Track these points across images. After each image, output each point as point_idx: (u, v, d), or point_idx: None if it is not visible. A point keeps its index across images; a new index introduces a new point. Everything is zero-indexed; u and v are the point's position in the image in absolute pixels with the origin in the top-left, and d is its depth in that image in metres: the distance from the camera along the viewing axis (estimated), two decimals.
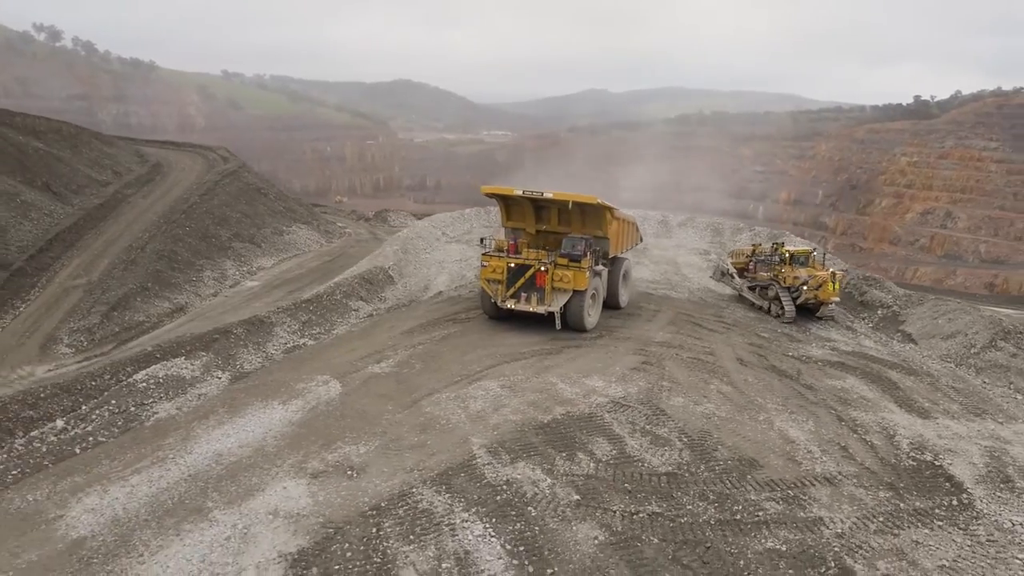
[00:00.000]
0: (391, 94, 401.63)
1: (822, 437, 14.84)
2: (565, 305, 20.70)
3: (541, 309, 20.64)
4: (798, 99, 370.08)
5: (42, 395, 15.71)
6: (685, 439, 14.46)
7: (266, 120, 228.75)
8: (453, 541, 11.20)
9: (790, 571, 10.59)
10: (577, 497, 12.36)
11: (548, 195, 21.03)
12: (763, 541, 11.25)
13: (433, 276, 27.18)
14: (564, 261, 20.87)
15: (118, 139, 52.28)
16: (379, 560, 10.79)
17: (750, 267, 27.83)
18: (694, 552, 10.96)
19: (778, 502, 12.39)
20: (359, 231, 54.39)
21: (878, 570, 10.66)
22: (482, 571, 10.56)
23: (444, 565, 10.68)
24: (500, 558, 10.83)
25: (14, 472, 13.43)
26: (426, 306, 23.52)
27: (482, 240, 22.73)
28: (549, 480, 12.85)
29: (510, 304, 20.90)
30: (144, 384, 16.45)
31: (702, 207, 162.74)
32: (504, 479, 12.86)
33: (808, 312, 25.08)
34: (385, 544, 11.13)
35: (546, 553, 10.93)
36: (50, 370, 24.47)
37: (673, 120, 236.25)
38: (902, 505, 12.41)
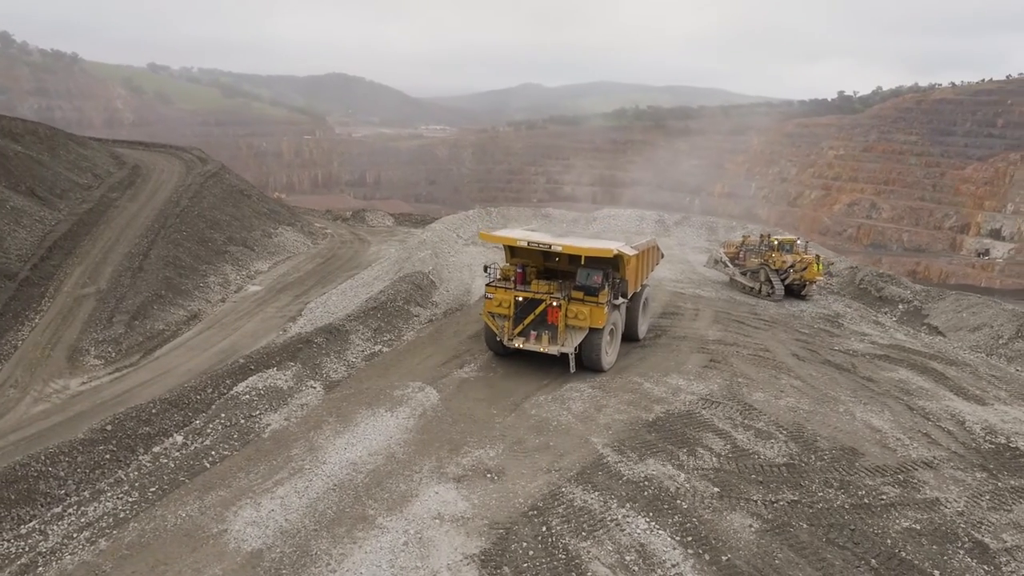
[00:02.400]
0: (326, 88, 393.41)
1: (903, 425, 16.23)
2: (580, 344, 18.23)
3: (553, 350, 17.97)
4: (727, 94, 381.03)
5: (154, 411, 15.65)
6: (784, 432, 15.59)
7: (198, 115, 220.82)
8: (624, 535, 11.97)
9: (933, 547, 11.79)
10: (716, 489, 13.29)
11: (557, 247, 18.41)
12: (899, 521, 12.43)
13: (468, 280, 27.68)
14: (579, 295, 18.27)
15: (90, 140, 50.30)
16: (564, 556, 11.46)
17: (740, 255, 31.50)
18: (842, 534, 12.04)
19: (893, 486, 13.62)
20: (340, 232, 53.88)
21: (1006, 542, 11.98)
22: (664, 561, 11.37)
23: (627, 558, 11.44)
24: (674, 548, 11.66)
25: (152, 489, 13.49)
26: (477, 310, 24.08)
27: (486, 268, 20.31)
28: (683, 475, 13.75)
29: (518, 343, 18.23)
30: (247, 396, 16.54)
31: (639, 201, 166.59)
32: (642, 475, 13.69)
33: (793, 292, 28.70)
34: (562, 541, 11.81)
35: (713, 541, 11.81)
36: (84, 383, 23.91)
37: (609, 115, 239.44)
38: (1000, 484, 13.84)
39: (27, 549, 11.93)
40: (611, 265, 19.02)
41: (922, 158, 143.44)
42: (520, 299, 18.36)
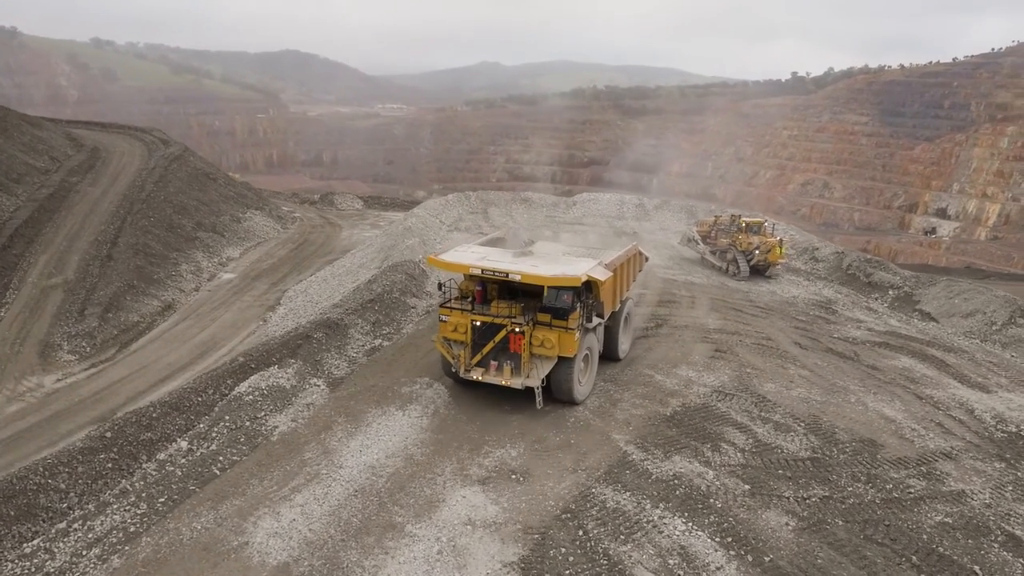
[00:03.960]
0: (279, 65, 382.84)
1: (915, 415, 16.35)
2: (548, 375, 15.62)
3: (516, 383, 15.32)
4: (682, 74, 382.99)
5: (154, 415, 14.82)
6: (802, 424, 15.54)
7: (146, 92, 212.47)
8: (663, 538, 11.73)
9: (969, 541, 11.84)
10: (747, 487, 13.15)
11: (516, 277, 15.25)
12: (931, 516, 12.46)
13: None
14: (546, 318, 15.46)
15: (45, 120, 47.79)
16: (605, 562, 11.17)
17: (711, 235, 32.67)
18: (878, 531, 12.01)
19: (918, 478, 13.68)
20: (309, 215, 52.49)
21: None
22: (707, 564, 11.17)
23: (671, 561, 11.20)
24: (716, 550, 11.46)
25: (161, 499, 12.77)
26: None
27: (440, 286, 16.74)
28: (711, 472, 13.57)
29: (475, 375, 15.60)
30: (250, 397, 15.82)
31: (599, 180, 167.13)
32: (671, 473, 13.47)
33: (758, 272, 30.01)
34: (601, 546, 11.51)
35: (753, 542, 11.66)
36: (59, 380, 22.76)
37: (568, 94, 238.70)
38: (1020, 474, 14.02)
39: (33, 569, 11.17)
40: (584, 286, 15.84)
41: (873, 138, 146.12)
42: (477, 323, 15.67)
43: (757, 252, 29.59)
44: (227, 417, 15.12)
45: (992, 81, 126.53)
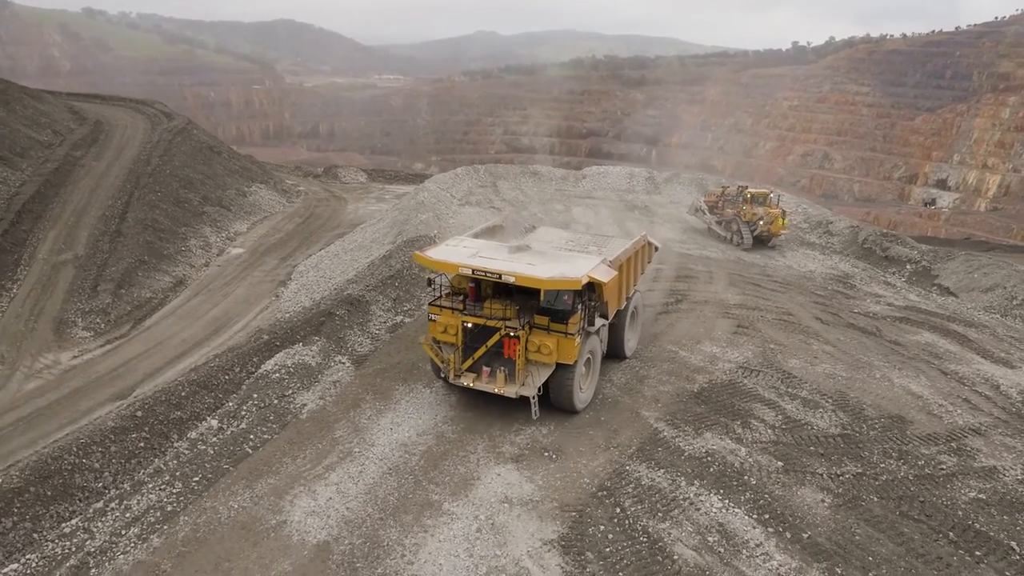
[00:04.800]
0: (273, 35, 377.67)
1: (941, 391, 16.38)
2: (547, 383, 14.41)
3: (510, 392, 14.05)
4: (681, 43, 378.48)
5: (183, 394, 14.79)
6: (830, 401, 15.55)
7: (140, 63, 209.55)
8: (700, 515, 11.76)
9: (1004, 517, 11.91)
10: (780, 463, 13.18)
11: (510, 278, 13.60)
12: (964, 492, 12.52)
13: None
14: (544, 320, 14.20)
15: (45, 93, 47.13)
16: (645, 540, 11.21)
17: (719, 205, 32.86)
18: (913, 507, 12.06)
19: (949, 455, 13.72)
20: (313, 189, 52.06)
21: None
22: (747, 541, 11.22)
23: (710, 539, 11.25)
24: (754, 527, 11.51)
25: (195, 478, 12.77)
26: None
27: (430, 282, 15.35)
28: (744, 449, 13.59)
29: (466, 381, 14.34)
30: (277, 375, 15.76)
31: (597, 152, 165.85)
32: (703, 451, 13.49)
33: (762, 242, 30.34)
34: (640, 523, 11.55)
35: (790, 519, 11.70)
36: (75, 357, 22.69)
37: (566, 64, 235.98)
38: None
39: (74, 549, 11.18)
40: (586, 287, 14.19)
41: (874, 109, 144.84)
42: (469, 325, 14.35)
43: (761, 223, 30.10)
44: (255, 395, 15.08)
45: (995, 51, 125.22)
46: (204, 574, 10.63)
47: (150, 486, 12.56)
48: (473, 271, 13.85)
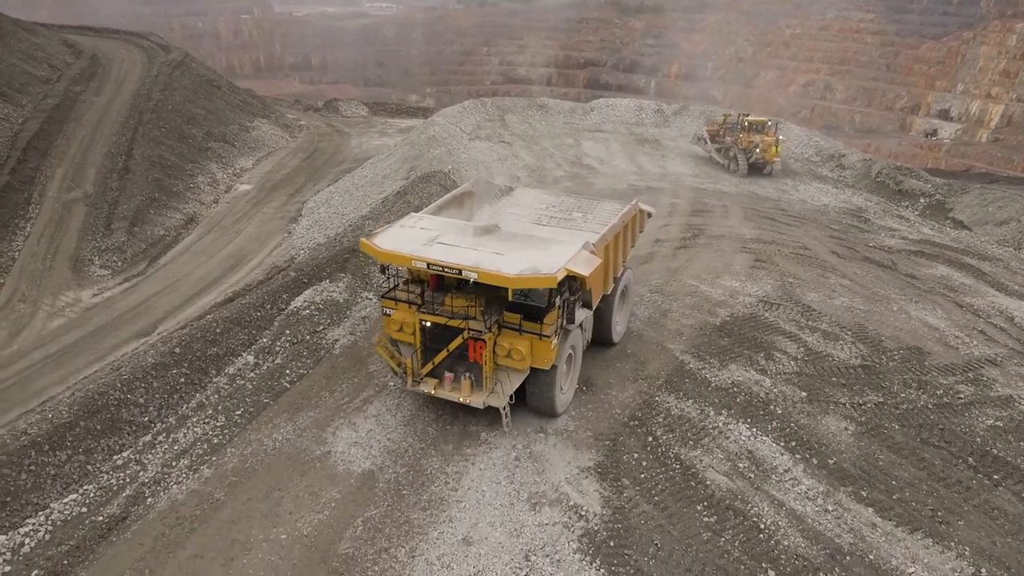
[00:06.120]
0: None
1: (957, 323, 16.72)
2: (523, 385, 12.36)
3: (476, 402, 12.04)
4: None
5: (218, 331, 15.02)
6: (849, 333, 15.89)
7: None
8: (730, 443, 12.21)
9: (1021, 443, 12.38)
10: (804, 394, 13.58)
11: (471, 275, 11.14)
12: (982, 420, 12.97)
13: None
14: (515, 318, 11.97)
15: (39, 27, 45.80)
16: (678, 466, 11.68)
17: (720, 134, 33.06)
18: (933, 434, 12.52)
19: (966, 384, 14.14)
20: (315, 123, 51.30)
21: None
22: (776, 467, 11.69)
23: (740, 465, 11.72)
24: (782, 454, 11.98)
25: (238, 412, 13.16)
26: None
27: (383, 269, 12.79)
28: (768, 380, 13.98)
29: (426, 389, 12.27)
30: (307, 311, 16.00)
31: (595, 83, 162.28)
32: (729, 382, 13.87)
33: (756, 170, 30.86)
34: (672, 451, 12.00)
35: (816, 446, 12.16)
36: (95, 295, 22.88)
37: None
38: None
39: (128, 480, 11.62)
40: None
41: (878, 36, 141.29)
42: (428, 324, 12.24)
43: (757, 150, 30.51)
44: (287, 331, 15.35)
45: None
46: (256, 502, 11.09)
47: (194, 420, 12.95)
48: (428, 265, 11.45)
